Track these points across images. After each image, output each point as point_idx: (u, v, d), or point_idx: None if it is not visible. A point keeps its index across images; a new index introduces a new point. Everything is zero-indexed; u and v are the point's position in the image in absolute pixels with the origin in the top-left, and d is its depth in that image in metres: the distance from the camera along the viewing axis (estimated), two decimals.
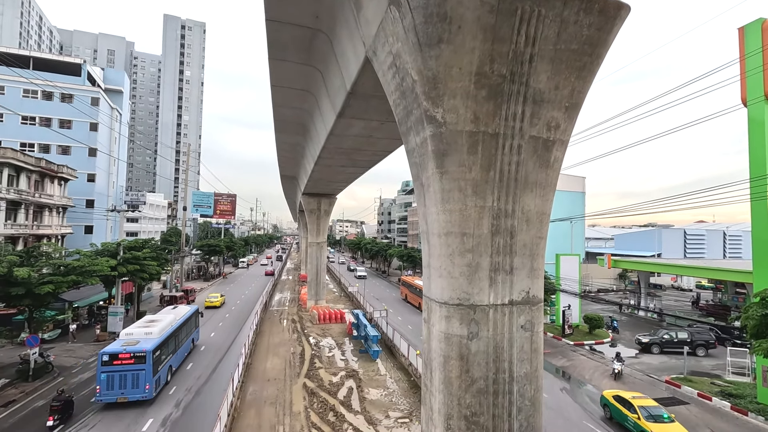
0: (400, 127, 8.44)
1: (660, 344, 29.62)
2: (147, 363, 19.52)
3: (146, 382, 19.45)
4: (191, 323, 28.01)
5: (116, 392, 19.13)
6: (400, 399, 21.03)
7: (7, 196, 33.46)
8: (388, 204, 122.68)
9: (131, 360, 19.36)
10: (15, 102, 45.37)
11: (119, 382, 19.19)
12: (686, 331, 30.47)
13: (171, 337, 23.11)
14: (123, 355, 19.33)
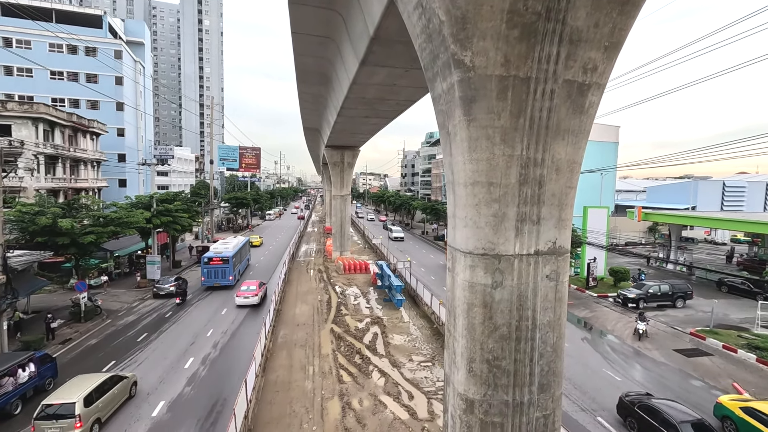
0: (426, 74, 8.11)
1: (645, 298, 28.94)
2: (229, 264, 31.41)
3: (229, 274, 31.47)
4: (246, 248, 39.67)
5: (212, 280, 31.42)
6: (422, 345, 21.89)
7: (45, 151, 34.77)
8: (411, 156, 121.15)
9: (220, 261, 31.32)
10: (42, 57, 45.87)
11: (214, 274, 31.35)
12: (667, 284, 29.97)
13: (237, 252, 34.11)
14: (215, 259, 31.36)
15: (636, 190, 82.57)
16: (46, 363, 16.53)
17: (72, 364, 18.81)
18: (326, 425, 14.38)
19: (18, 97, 44.42)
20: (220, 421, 14.30)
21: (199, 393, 16.39)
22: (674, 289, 29.48)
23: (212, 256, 31.54)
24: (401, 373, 18.39)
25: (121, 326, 23.96)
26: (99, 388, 14.09)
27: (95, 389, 13.88)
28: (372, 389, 16.90)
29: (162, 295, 29.47)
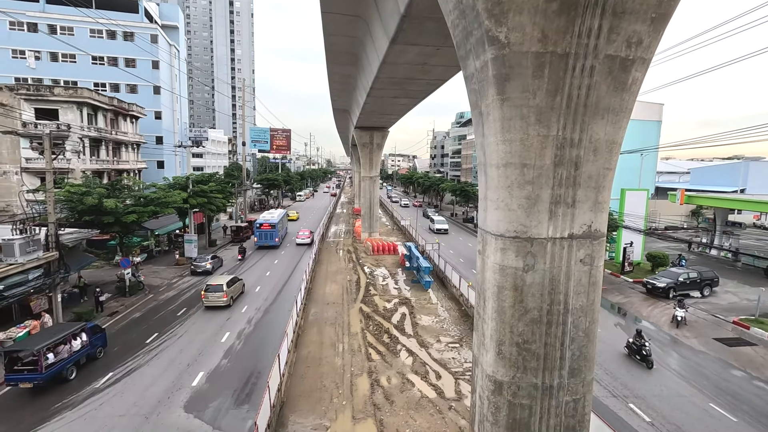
0: (458, 51, 7.90)
1: (676, 287, 26.74)
2: (275, 228, 40.29)
3: (275, 236, 40.44)
4: (285, 219, 47.95)
5: (263, 241, 40.20)
6: (450, 326, 22.01)
7: (89, 134, 36.47)
8: (441, 137, 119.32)
9: (269, 227, 40.07)
10: (84, 42, 47.60)
11: (264, 236, 40.11)
12: (695, 270, 28.21)
13: (280, 221, 42.81)
14: (265, 224, 40.19)
15: (679, 171, 78.38)
16: (96, 333, 17.72)
17: (119, 335, 20.10)
18: (355, 400, 14.83)
19: (63, 83, 46.53)
20: (255, 392, 15.00)
21: (236, 364, 17.21)
22: (701, 276, 27.94)
23: (263, 222, 40.39)
24: (429, 353, 18.62)
25: (162, 301, 25.28)
26: (230, 281, 24.65)
27: (229, 281, 24.45)
28: (400, 368, 17.22)
29: (199, 272, 30.77)
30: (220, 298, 23.54)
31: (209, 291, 23.62)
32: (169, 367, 16.83)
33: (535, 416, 7.71)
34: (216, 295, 23.53)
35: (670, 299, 26.09)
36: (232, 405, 14.37)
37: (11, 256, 18.23)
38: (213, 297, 23.54)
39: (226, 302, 23.62)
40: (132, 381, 15.90)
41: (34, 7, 47.15)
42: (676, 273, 27.90)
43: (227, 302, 23.75)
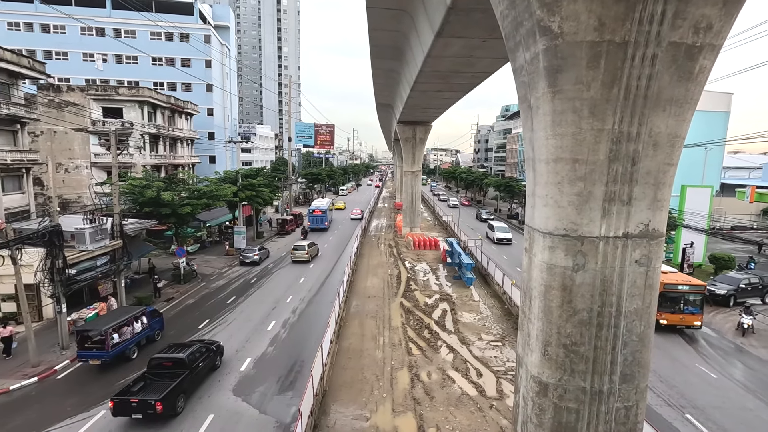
0: (507, 43, 7.67)
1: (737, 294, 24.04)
2: (325, 214, 47.28)
3: (325, 221, 47.19)
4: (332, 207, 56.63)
5: (314, 225, 46.67)
6: (492, 324, 21.62)
7: (149, 131, 38.90)
8: (485, 131, 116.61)
9: (320, 212, 46.93)
10: (145, 44, 50.72)
11: (316, 220, 46.70)
12: (756, 275, 25.15)
13: (328, 208, 49.58)
14: (316, 210, 47.21)
15: (749, 166, 71.94)
16: (155, 317, 19.00)
17: (175, 319, 21.44)
18: (395, 393, 14.97)
19: (127, 83, 49.85)
20: (299, 380, 15.51)
21: (280, 352, 17.86)
22: (763, 281, 25.16)
23: (315, 209, 47.63)
24: (470, 351, 18.42)
25: (213, 289, 26.65)
26: (310, 244, 33.73)
27: (309, 244, 33.55)
28: (440, 364, 17.17)
29: (247, 262, 32.12)
30: (302, 255, 32.38)
31: (296, 249, 32.74)
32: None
33: (582, 421, 7.43)
34: (300, 253, 32.41)
35: (730, 307, 24.00)
36: (277, 391, 14.96)
37: (83, 243, 19.90)
38: (298, 254, 32.48)
39: (306, 258, 32.54)
40: None
41: (101, 13, 50.78)
42: (736, 278, 25.36)
43: (307, 259, 32.66)
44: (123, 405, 12.61)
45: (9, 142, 27.01)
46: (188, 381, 14.07)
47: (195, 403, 14.01)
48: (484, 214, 58.63)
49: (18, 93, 27.77)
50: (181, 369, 14.13)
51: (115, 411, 12.66)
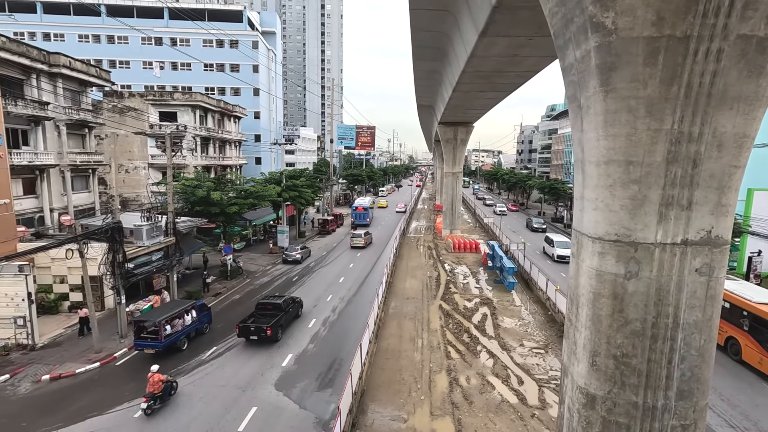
0: (556, 41, 7.42)
1: None
2: (367, 211, 51.08)
3: (367, 217, 50.73)
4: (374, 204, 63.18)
5: (357, 221, 50.10)
6: (535, 330, 20.95)
7: (200, 133, 40.97)
8: (529, 131, 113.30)
9: (362, 209, 50.74)
10: (198, 51, 53.50)
11: (359, 216, 50.29)
12: None
13: (370, 206, 54.42)
14: (359, 207, 51.03)
15: None
16: (204, 311, 19.96)
17: (222, 314, 22.40)
18: (434, 397, 14.84)
19: (181, 88, 52.76)
20: (338, 378, 15.75)
21: (320, 349, 18.22)
22: None
23: (358, 206, 52.00)
24: (511, 357, 17.94)
25: (258, 285, 27.61)
26: (366, 233, 39.69)
27: (365, 233, 39.55)
28: (480, 369, 16.84)
29: (289, 261, 33.03)
30: (359, 242, 38.75)
31: (354, 237, 39.16)
32: (263, 347, 18.35)
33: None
34: (357, 240, 38.83)
35: None
36: (317, 388, 15.26)
37: (140, 239, 21.27)
38: (356, 241, 38.80)
39: (363, 245, 38.86)
40: (232, 356, 17.65)
41: (160, 24, 54.15)
42: None
43: (364, 245, 38.96)
44: (245, 329, 18.17)
45: (78, 145, 29.33)
46: (283, 319, 19.44)
47: (239, 396, 14.61)
48: (536, 222, 50.62)
49: (87, 100, 30.06)
50: (278, 311, 19.44)
51: (240, 333, 18.32)
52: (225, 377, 15.84)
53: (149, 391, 13.41)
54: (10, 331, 17.51)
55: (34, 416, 13.38)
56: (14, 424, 13.02)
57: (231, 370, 16.33)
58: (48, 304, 20.78)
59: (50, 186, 26.03)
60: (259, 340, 18.26)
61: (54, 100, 26.25)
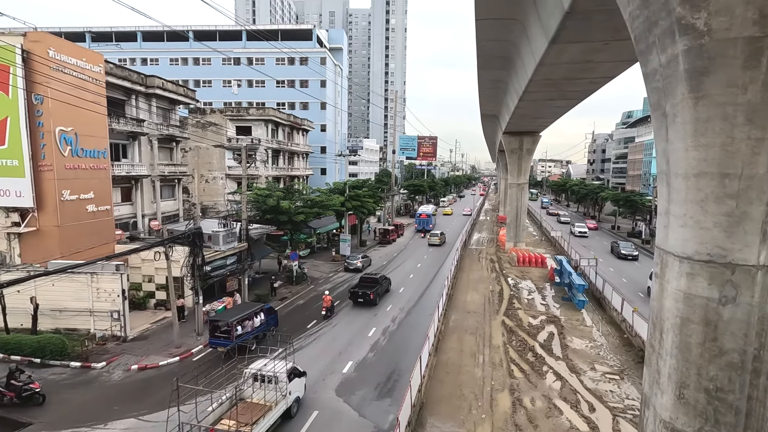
0: (637, 45, 6.97)
1: None
2: (430, 217, 55.53)
3: (430, 223, 54.12)
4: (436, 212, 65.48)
5: (421, 226, 54.16)
6: (608, 354, 19.45)
7: (272, 146, 43.53)
8: (602, 140, 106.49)
9: (426, 216, 55.19)
10: (271, 69, 57.17)
11: (422, 223, 54.52)
12: None
13: (433, 213, 59.49)
14: (423, 214, 55.91)
15: None
16: (271, 314, 20.97)
17: (287, 317, 23.38)
18: (495, 416, 14.28)
19: (255, 104, 56.58)
20: (396, 389, 15.71)
21: (380, 359, 18.33)
22: None
23: (421, 213, 56.57)
24: (581, 381, 16.78)
25: (321, 292, 28.40)
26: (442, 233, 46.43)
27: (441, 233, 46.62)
28: (546, 391, 15.94)
29: (351, 269, 33.72)
30: (436, 240, 44.90)
31: (432, 236, 45.96)
32: (324, 352, 18.86)
33: None
34: (434, 239, 45.11)
35: None
36: (376, 397, 15.35)
37: (217, 244, 22.94)
38: (433, 239, 45.32)
39: (439, 243, 44.66)
40: (296, 359, 18.25)
41: (238, 45, 58.74)
42: None
43: (440, 243, 44.70)
44: (354, 294, 25.20)
45: (167, 158, 32.45)
46: (380, 290, 26.08)
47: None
48: (624, 248, 41.70)
49: (175, 116, 33.26)
50: (375, 283, 26.15)
51: (350, 297, 25.37)
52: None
53: (324, 306, 23.13)
54: (107, 323, 19.65)
55: (124, 401, 14.83)
56: (108, 406, 14.54)
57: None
58: (138, 300, 23.02)
59: (143, 194, 29.03)
60: (364, 303, 24.99)
61: (148, 117, 29.37)
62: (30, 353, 17.34)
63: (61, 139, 20.93)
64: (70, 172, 21.53)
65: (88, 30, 60.50)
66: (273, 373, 13.34)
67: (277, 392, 13.10)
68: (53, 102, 20.14)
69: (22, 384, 14.16)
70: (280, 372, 13.43)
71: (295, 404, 13.99)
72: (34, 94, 20.10)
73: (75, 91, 20.13)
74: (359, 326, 22.19)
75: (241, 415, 11.71)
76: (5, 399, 14.10)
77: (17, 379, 14.27)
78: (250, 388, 13.58)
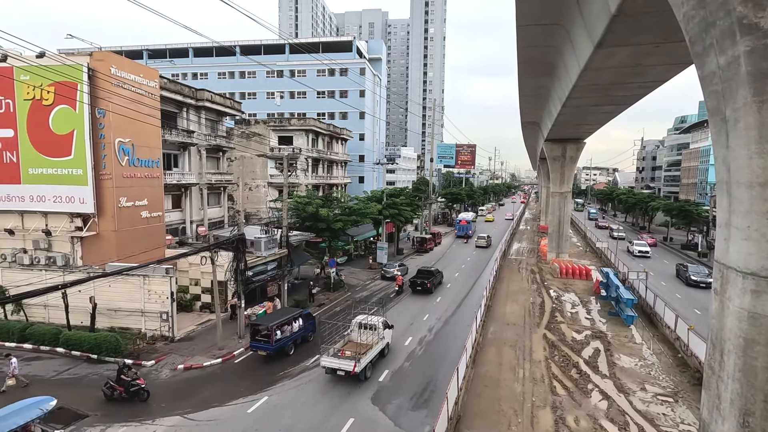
0: (693, 48, 6.59)
1: None
2: (469, 224, 58.62)
3: (469, 229, 57.74)
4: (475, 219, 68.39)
5: (460, 232, 57.73)
6: (660, 374, 18.24)
7: (311, 155, 44.60)
8: (652, 147, 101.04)
9: (465, 222, 58.06)
10: (312, 81, 58.80)
11: (462, 229, 57.62)
12: None
13: (473, 219, 64.85)
14: (463, 220, 58.65)
15: None
16: (309, 320, 21.31)
17: (324, 324, 23.64)
18: None
19: (297, 115, 58.33)
20: (432, 400, 15.47)
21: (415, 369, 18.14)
22: None
23: (462, 219, 59.28)
24: (630, 401, 15.82)
25: (358, 299, 28.62)
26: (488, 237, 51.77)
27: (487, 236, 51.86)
28: (591, 410, 15.15)
29: (388, 277, 33.72)
30: (483, 242, 49.80)
31: (479, 239, 50.58)
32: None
33: None
34: (481, 241, 49.99)
35: None
36: (411, 407, 15.18)
37: (259, 250, 23.68)
38: (480, 241, 50.13)
39: (486, 245, 49.39)
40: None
41: (281, 58, 60.89)
42: None
43: (486, 245, 49.42)
44: (413, 284, 29.71)
45: (214, 167, 33.99)
46: (435, 281, 30.92)
47: (338, 405, 15.18)
48: (694, 273, 33.43)
49: (222, 127, 34.84)
50: (431, 275, 30.81)
51: (411, 286, 29.85)
52: (327, 386, 16.60)
53: (397, 284, 30.03)
54: (156, 324, 20.71)
55: (171, 399, 15.52)
56: (156, 404, 15.25)
57: (332, 380, 17.04)
58: (185, 302, 24.12)
59: (191, 201, 30.52)
60: (423, 291, 29.50)
61: (198, 128, 30.97)
62: (88, 349, 18.56)
63: (119, 149, 22.47)
64: (126, 181, 23.02)
65: (146, 48, 64.87)
66: (373, 323, 18.60)
67: (375, 336, 18.35)
68: (113, 115, 21.69)
69: (130, 380, 15.15)
70: (378, 322, 18.74)
71: (386, 347, 19.38)
72: (97, 109, 21.75)
73: (133, 105, 21.62)
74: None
75: (351, 350, 17.38)
76: (115, 393, 15.10)
77: (126, 374, 15.25)
78: (356, 332, 18.62)
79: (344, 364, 16.32)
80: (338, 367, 16.41)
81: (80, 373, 17.55)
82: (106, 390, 15.22)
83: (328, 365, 16.63)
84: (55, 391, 13.79)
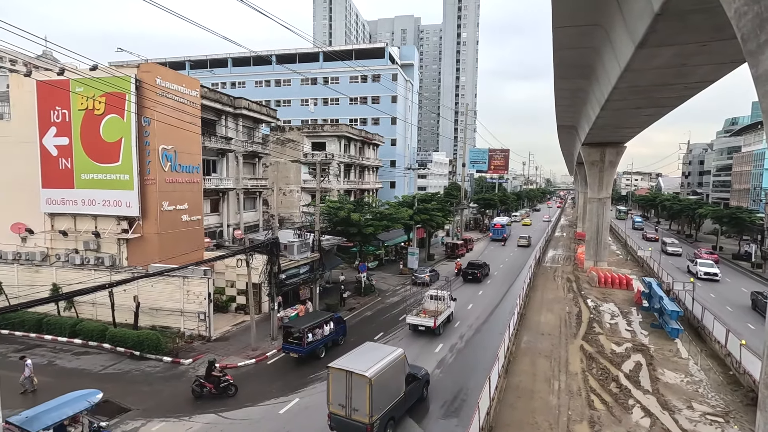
0: (745, 45, 6.23)
1: None
2: (504, 228, 60.21)
3: (504, 233, 59.59)
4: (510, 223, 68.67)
5: (495, 235, 59.97)
6: (709, 391, 17.14)
7: (344, 160, 45.17)
8: (698, 151, 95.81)
9: (500, 226, 60.33)
10: (345, 87, 59.71)
11: (497, 233, 59.94)
12: None
13: (508, 223, 64.76)
14: (497, 224, 61.00)
15: None
16: (340, 323, 21.48)
17: (355, 328, 23.79)
18: None
19: (330, 121, 59.32)
20: (463, 408, 15.19)
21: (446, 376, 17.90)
22: None
23: (496, 222, 62.16)
24: (675, 420, 14.95)
25: (388, 304, 28.66)
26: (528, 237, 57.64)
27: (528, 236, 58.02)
28: (632, 427, 14.42)
29: (418, 282, 33.52)
30: (524, 242, 54.78)
31: (521, 238, 55.68)
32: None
33: None
34: (523, 240, 55.00)
35: None
36: (441, 415, 14.98)
37: (292, 254, 24.16)
38: (522, 241, 55.03)
39: (527, 244, 54.35)
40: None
41: (315, 66, 62.23)
42: None
43: (527, 244, 54.35)
44: (465, 274, 35.26)
45: (250, 172, 35.06)
46: (483, 271, 35.98)
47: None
48: None
49: (258, 134, 35.92)
50: (479, 267, 35.75)
51: (462, 276, 35.39)
52: None
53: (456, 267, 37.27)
54: (194, 323, 21.50)
55: (206, 398, 15.99)
56: (194, 401, 15.78)
57: None
58: (221, 303, 24.91)
59: (228, 205, 31.59)
60: (473, 280, 34.69)
61: (235, 135, 32.08)
62: (131, 346, 19.49)
63: (163, 156, 23.59)
64: (169, 186, 24.11)
65: (188, 59, 68.02)
66: (441, 295, 23.74)
67: (443, 305, 23.44)
68: (158, 123, 22.84)
69: (219, 376, 15.80)
70: (445, 295, 23.95)
71: (451, 315, 24.65)
72: (143, 117, 22.96)
73: (176, 113, 22.67)
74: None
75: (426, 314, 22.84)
76: (204, 390, 15.68)
77: (215, 371, 15.84)
78: (429, 302, 23.79)
79: (426, 321, 22.01)
80: (420, 323, 22.06)
81: (124, 369, 18.43)
82: (196, 388, 15.66)
83: (412, 322, 22.40)
84: (101, 385, 14.53)
